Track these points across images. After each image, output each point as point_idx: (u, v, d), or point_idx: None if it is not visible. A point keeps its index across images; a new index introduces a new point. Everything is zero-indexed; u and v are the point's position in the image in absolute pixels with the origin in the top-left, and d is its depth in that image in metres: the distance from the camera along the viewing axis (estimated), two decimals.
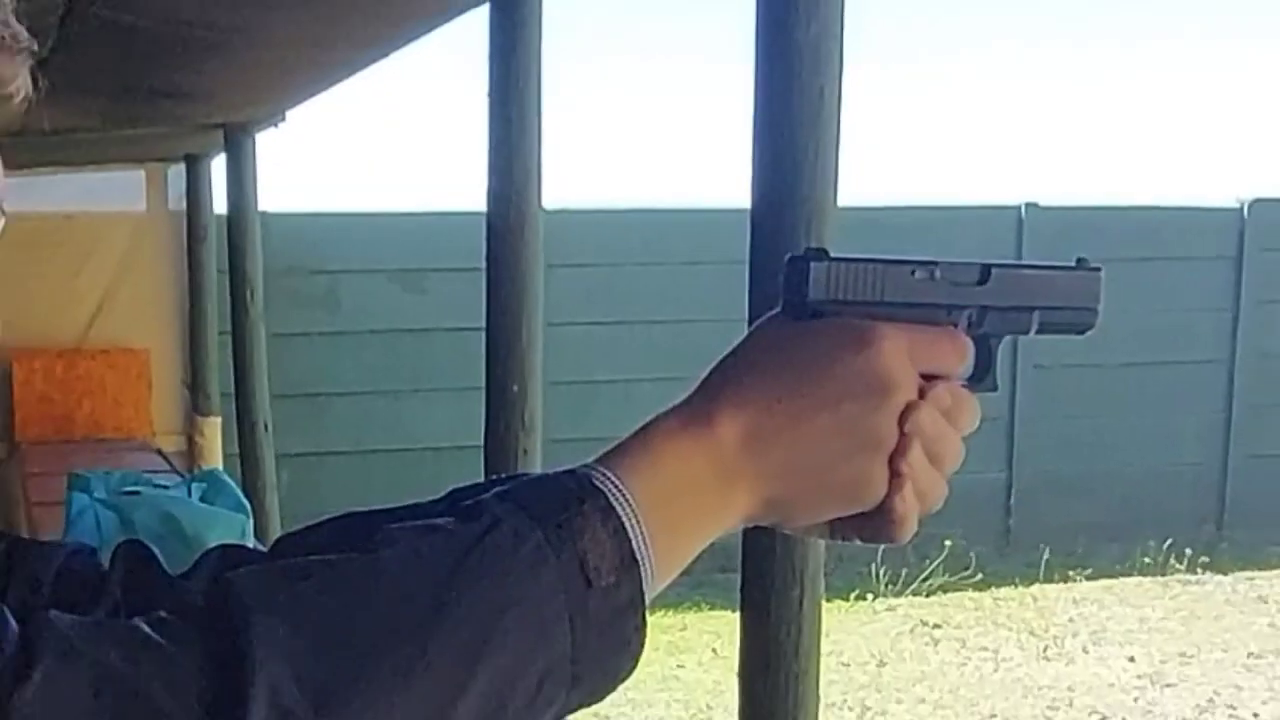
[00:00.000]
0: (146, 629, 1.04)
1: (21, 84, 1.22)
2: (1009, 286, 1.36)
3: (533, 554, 1.11)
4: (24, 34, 1.20)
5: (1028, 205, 14.84)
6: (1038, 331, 1.40)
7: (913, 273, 1.31)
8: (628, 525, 1.15)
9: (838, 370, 1.24)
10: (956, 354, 1.30)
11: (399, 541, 1.13)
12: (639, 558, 1.15)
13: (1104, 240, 14.68)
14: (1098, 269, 1.42)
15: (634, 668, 1.17)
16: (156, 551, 1.48)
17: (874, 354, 1.24)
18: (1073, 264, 1.42)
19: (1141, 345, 14.79)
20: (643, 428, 1.23)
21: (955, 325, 1.32)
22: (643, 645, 1.16)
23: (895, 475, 1.25)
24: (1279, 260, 15.33)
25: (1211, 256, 15.28)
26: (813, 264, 1.26)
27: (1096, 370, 14.54)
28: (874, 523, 1.27)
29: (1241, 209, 15.40)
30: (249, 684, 0.99)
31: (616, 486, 1.16)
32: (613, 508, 1.14)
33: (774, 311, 1.30)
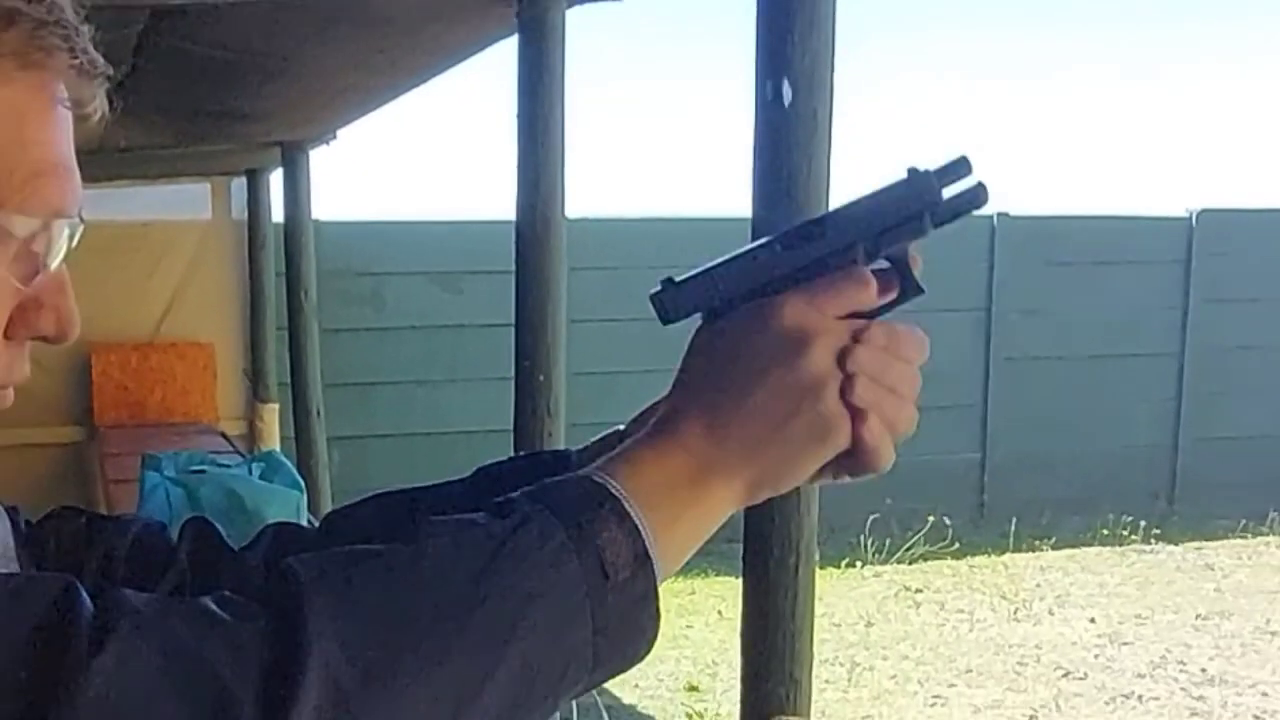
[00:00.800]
0: (212, 606, 1.05)
1: (98, 105, 1.22)
2: (888, 204, 1.32)
3: (557, 550, 1.13)
4: (101, 60, 1.20)
5: (999, 215, 14.77)
6: (936, 224, 1.32)
7: (755, 258, 1.31)
8: (640, 525, 1.17)
9: (753, 345, 1.26)
10: (860, 287, 1.28)
11: (439, 534, 1.14)
12: (650, 552, 1.17)
13: (1069, 246, 14.85)
14: (966, 158, 1.32)
15: (649, 650, 1.19)
16: (219, 527, 1.49)
17: (775, 317, 1.25)
18: (957, 158, 1.32)
19: (1101, 339, 14.88)
20: (622, 447, 1.27)
21: (850, 258, 1.29)
22: (657, 632, 1.19)
23: (855, 411, 1.25)
24: (1224, 264, 15.31)
25: (1164, 261, 15.25)
26: (665, 292, 1.31)
27: (1061, 361, 14.54)
28: (855, 458, 1.29)
29: (1190, 219, 15.38)
30: (304, 658, 1.01)
31: (621, 491, 1.18)
32: (625, 509, 1.17)
33: (698, 326, 1.33)
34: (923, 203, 1.31)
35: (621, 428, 1.49)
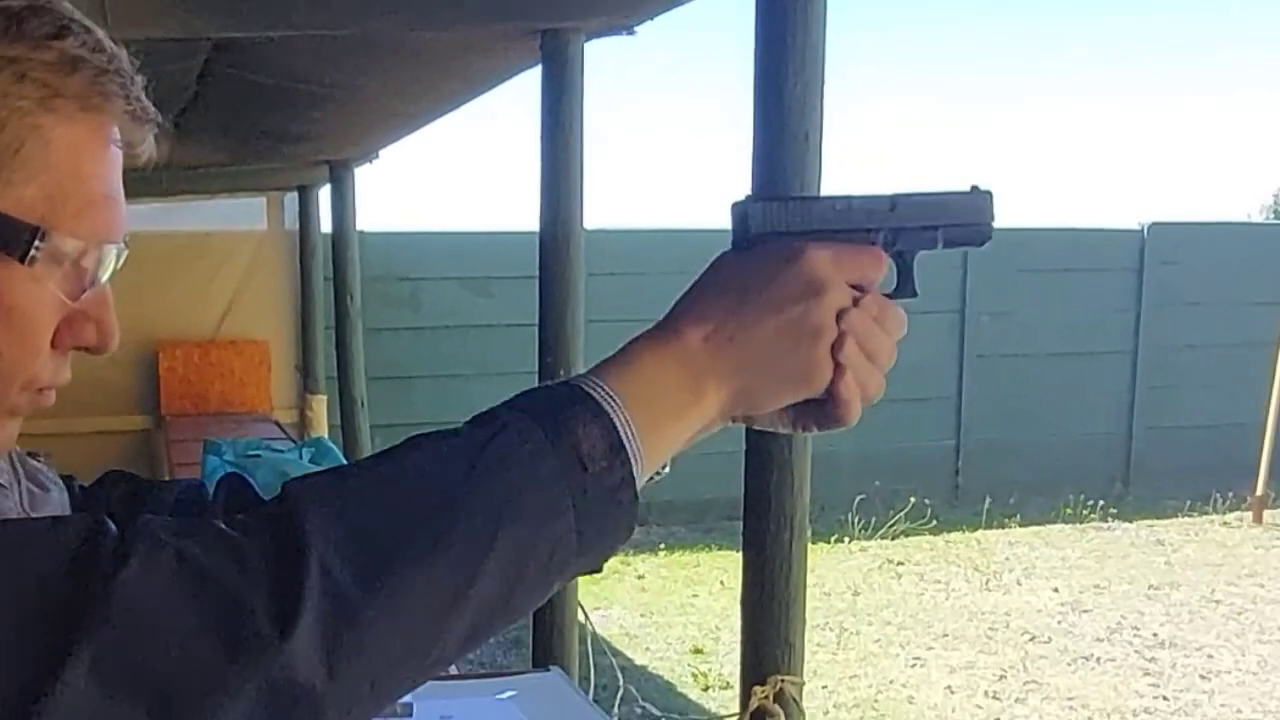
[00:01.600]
0: (222, 526, 1.07)
1: (147, 148, 1.24)
2: (914, 210, 1.34)
3: (535, 447, 1.13)
4: (152, 109, 1.22)
5: None
6: (944, 245, 1.39)
7: (834, 206, 1.31)
8: (615, 419, 1.16)
9: (777, 279, 1.25)
10: (875, 265, 1.30)
11: (424, 446, 1.16)
12: (626, 445, 1.16)
13: (1035, 255, 14.80)
14: (989, 191, 1.40)
15: (630, 533, 1.19)
16: (253, 481, 1.51)
17: (804, 262, 1.25)
18: (971, 187, 1.39)
19: (1063, 339, 14.88)
20: (624, 346, 1.25)
21: (872, 241, 1.31)
22: (636, 515, 1.19)
23: (837, 365, 1.26)
24: (1172, 272, 15.37)
25: (1119, 269, 15.29)
26: (750, 205, 1.28)
27: (1028, 359, 14.53)
28: (825, 409, 1.29)
29: (1142, 230, 15.44)
30: (304, 563, 1.02)
31: (604, 390, 1.18)
32: (601, 406, 1.16)
33: (725, 251, 1.31)
34: (980, 217, 1.39)
35: None
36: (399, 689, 1.12)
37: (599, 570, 1.22)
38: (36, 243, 1.14)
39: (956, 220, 1.38)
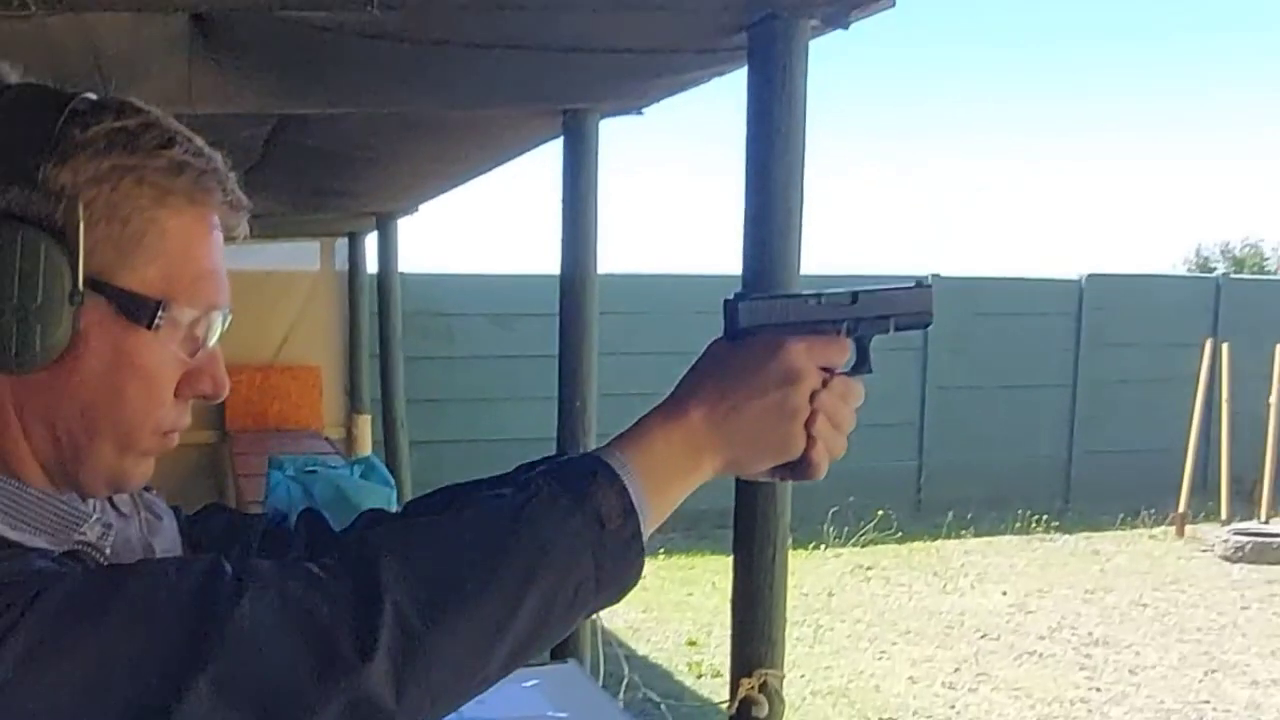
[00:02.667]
0: (315, 569, 1.16)
1: (241, 230, 1.32)
2: (871, 303, 1.44)
3: (564, 509, 1.22)
4: (244, 199, 1.31)
5: (933, 275, 14.79)
6: (895, 330, 1.47)
7: (806, 302, 1.40)
8: (628, 485, 1.25)
9: (761, 370, 1.34)
10: (841, 352, 1.39)
11: (475, 504, 1.26)
12: (637, 506, 1.25)
13: (988, 300, 14.94)
14: (929, 286, 1.50)
15: (639, 577, 1.29)
16: (327, 516, 1.58)
17: (784, 355, 1.34)
18: (913, 283, 1.49)
19: (1012, 373, 14.92)
20: (639, 420, 1.33)
21: (839, 331, 1.40)
22: (643, 563, 1.28)
23: (810, 437, 1.36)
24: (1106, 317, 15.46)
25: (1059, 313, 15.34)
26: (739, 303, 1.37)
27: (981, 390, 14.53)
28: (799, 468, 1.39)
29: (1080, 281, 15.51)
30: (380, 603, 1.12)
31: (621, 461, 1.27)
32: (617, 475, 1.26)
33: (719, 338, 1.39)
34: (923, 307, 1.50)
35: None
36: (454, 705, 1.19)
37: (616, 603, 1.31)
38: (159, 313, 1.21)
39: (905, 310, 1.48)
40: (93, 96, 1.21)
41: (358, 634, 1.10)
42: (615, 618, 9.36)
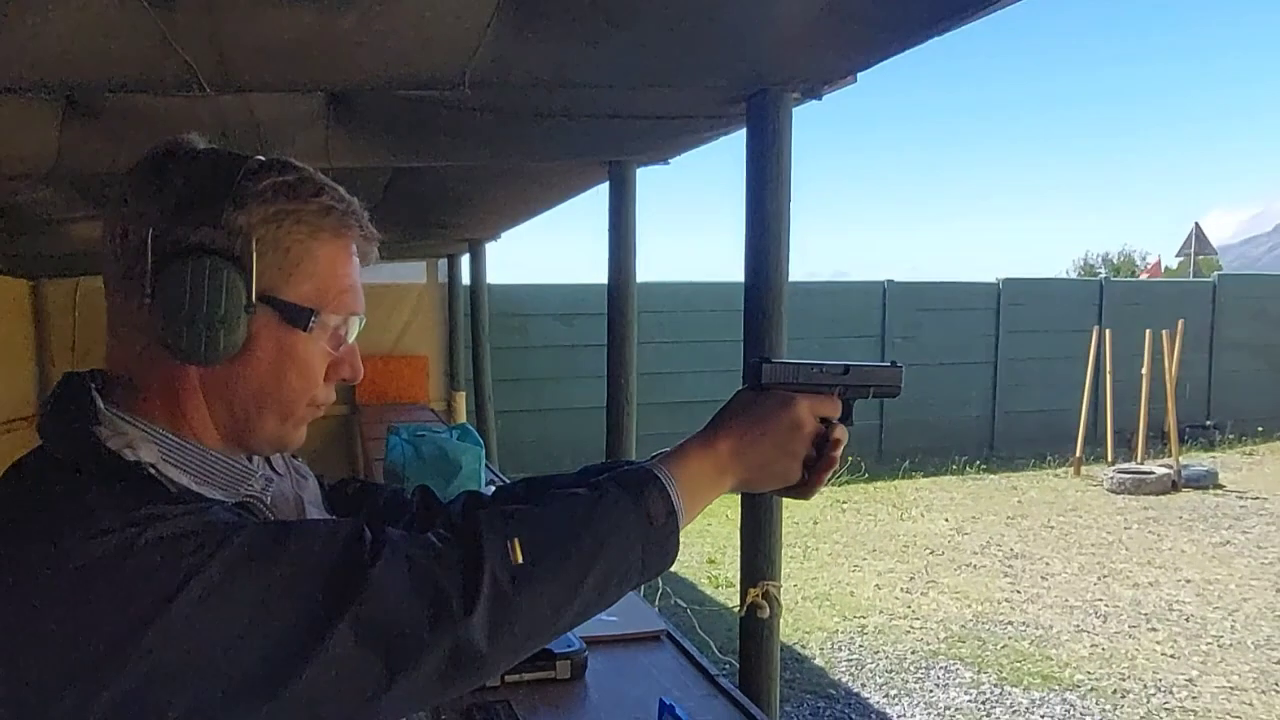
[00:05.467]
0: (433, 539, 1.18)
1: (373, 257, 1.34)
2: (859, 376, 1.48)
3: (624, 509, 1.26)
4: (375, 231, 1.32)
5: (889, 281, 14.81)
6: (872, 396, 1.52)
7: (812, 370, 1.44)
8: (671, 494, 1.29)
9: (775, 418, 1.39)
10: (834, 409, 1.44)
11: (557, 499, 1.27)
12: (677, 510, 1.29)
13: (930, 299, 15.12)
14: (900, 367, 1.54)
15: (674, 561, 1.31)
16: (433, 468, 1.60)
17: (793, 410, 1.39)
18: (890, 364, 1.54)
19: (949, 354, 14.91)
20: (680, 444, 1.37)
21: (834, 393, 1.45)
22: (677, 551, 1.30)
23: (807, 468, 1.42)
24: (1018, 310, 15.51)
25: (983, 308, 15.37)
26: (762, 365, 1.42)
27: (927, 367, 14.42)
28: (796, 490, 1.44)
29: (998, 284, 15.56)
30: (482, 569, 1.15)
31: (666, 474, 1.30)
32: (663, 485, 1.29)
33: (744, 387, 1.43)
34: (895, 381, 1.53)
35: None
36: (531, 651, 1.21)
37: (654, 580, 1.39)
38: (312, 319, 1.25)
39: (881, 383, 1.52)
40: (262, 158, 1.23)
41: (464, 593, 1.13)
42: None
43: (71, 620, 1.02)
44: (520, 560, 1.17)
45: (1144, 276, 25.59)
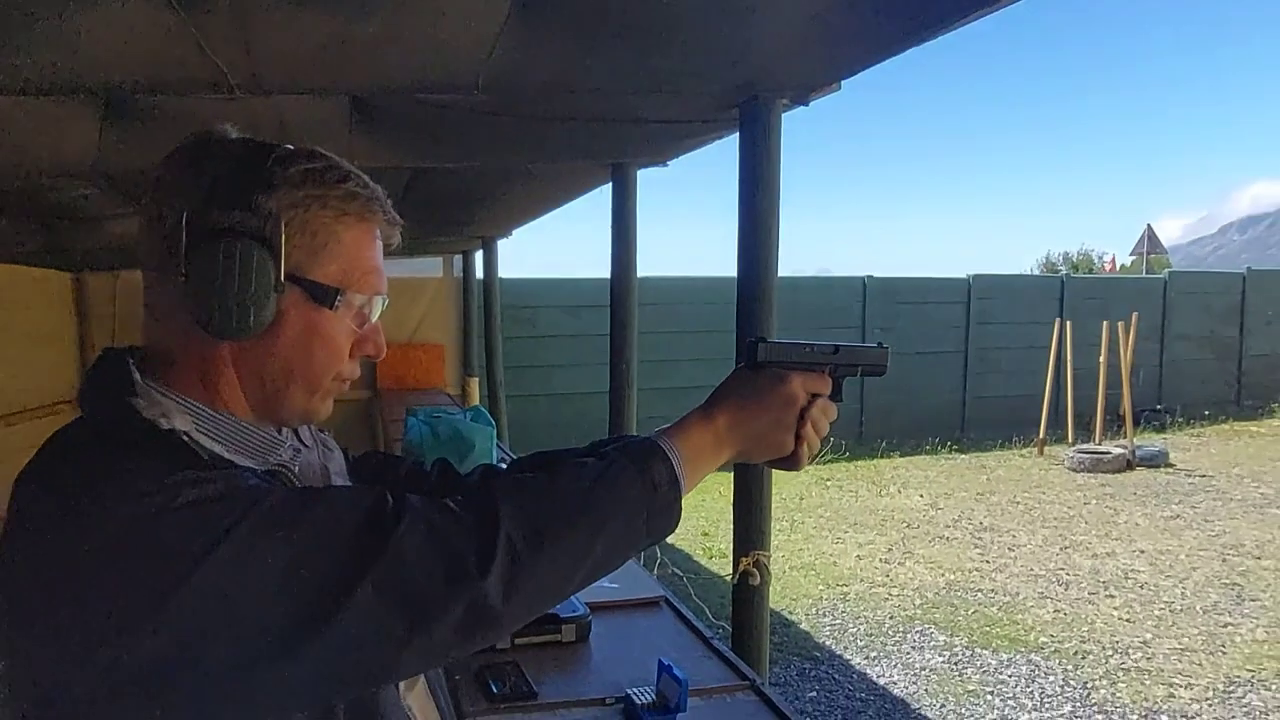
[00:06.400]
0: (451, 504, 1.15)
1: (395, 241, 1.31)
2: (848, 355, 1.46)
3: (630, 477, 1.23)
4: (399, 218, 1.30)
5: (869, 277, 14.80)
6: (860, 376, 1.50)
7: (804, 349, 1.42)
8: (674, 463, 1.26)
9: (770, 393, 1.37)
10: (824, 385, 1.42)
11: (568, 468, 1.23)
12: (679, 478, 1.26)
13: (907, 293, 15.08)
14: (886, 348, 1.52)
15: (676, 527, 1.27)
16: (448, 446, 1.58)
17: (787, 385, 1.37)
18: (876, 344, 1.51)
19: (924, 344, 14.83)
20: (682, 418, 1.34)
21: (825, 371, 1.43)
22: (679, 517, 1.27)
23: (799, 440, 1.38)
24: (986, 304, 15.44)
25: (955, 302, 15.33)
26: (759, 344, 1.40)
27: (904, 355, 14.30)
28: (788, 462, 1.40)
29: (968, 279, 15.52)
30: (497, 533, 1.12)
31: (669, 445, 1.27)
32: (667, 455, 1.26)
33: (741, 365, 1.41)
34: (881, 360, 1.51)
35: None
36: (544, 610, 1.19)
37: (658, 544, 1.31)
38: (338, 298, 1.23)
39: (868, 363, 1.50)
40: (290, 146, 1.22)
41: (480, 555, 1.10)
42: None
43: (109, 578, 1.00)
44: (533, 525, 1.14)
45: (1103, 273, 25.61)
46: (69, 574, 1.00)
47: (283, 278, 1.17)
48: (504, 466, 1.59)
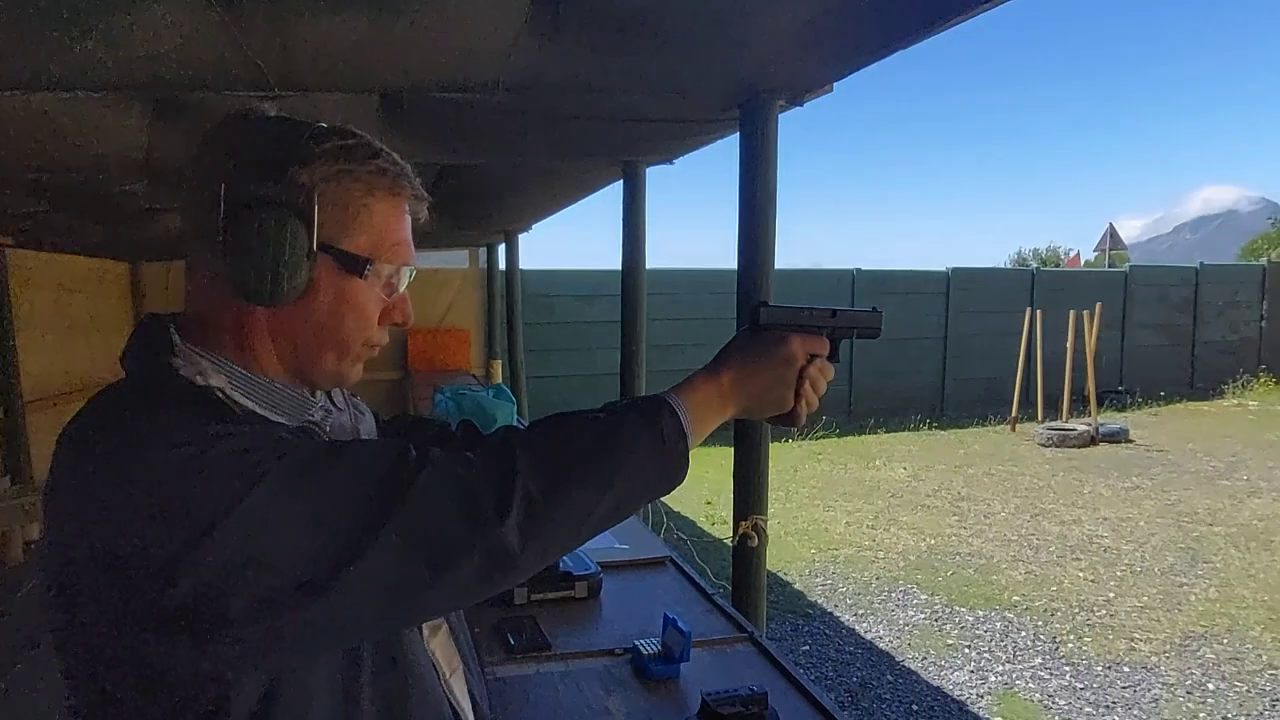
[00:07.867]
0: (471, 455, 1.11)
1: (423, 216, 1.26)
2: (844, 318, 1.42)
3: (640, 430, 1.19)
4: (426, 194, 1.25)
5: (857, 270, 14.75)
6: (855, 338, 1.46)
7: (804, 312, 1.38)
8: (682, 418, 1.22)
9: (771, 353, 1.34)
10: (822, 346, 1.38)
11: (582, 423, 1.19)
12: (686, 432, 1.22)
13: (892, 285, 14.92)
14: (880, 312, 1.47)
15: (684, 478, 1.22)
16: (476, 424, 1.53)
17: (788, 346, 1.34)
18: (870, 309, 1.47)
19: (908, 330, 14.88)
20: (689, 377, 1.30)
21: (822, 333, 1.39)
22: (687, 470, 1.22)
23: (798, 397, 1.35)
24: (964, 294, 15.42)
25: (935, 292, 15.33)
26: (762, 308, 1.36)
27: (890, 341, 14.20)
28: (788, 418, 1.37)
29: (948, 272, 15.54)
30: (514, 481, 1.08)
31: (677, 401, 1.24)
32: (675, 410, 1.23)
33: (745, 328, 1.38)
34: (876, 324, 1.46)
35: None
36: (559, 555, 1.15)
37: (667, 494, 1.25)
38: (368, 267, 1.19)
39: (864, 326, 1.45)
40: (324, 124, 1.18)
41: (498, 502, 1.06)
42: None
43: (150, 521, 0.97)
44: (549, 474, 1.10)
45: (1067, 267, 25.51)
46: (109, 520, 0.98)
47: (315, 247, 1.14)
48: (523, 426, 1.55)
